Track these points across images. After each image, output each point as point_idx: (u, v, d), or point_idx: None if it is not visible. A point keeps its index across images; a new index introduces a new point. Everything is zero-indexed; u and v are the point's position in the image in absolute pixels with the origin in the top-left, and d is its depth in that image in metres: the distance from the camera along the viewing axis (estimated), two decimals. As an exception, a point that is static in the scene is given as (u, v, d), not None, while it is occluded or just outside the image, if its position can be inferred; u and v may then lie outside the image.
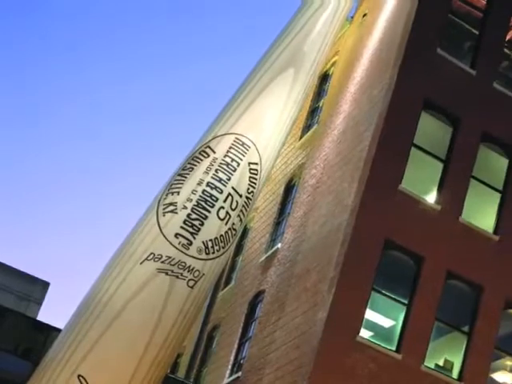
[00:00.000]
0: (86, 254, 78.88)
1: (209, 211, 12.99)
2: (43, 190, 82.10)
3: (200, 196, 12.64)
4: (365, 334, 22.33)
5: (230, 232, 13.06)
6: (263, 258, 28.68)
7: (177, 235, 11.99)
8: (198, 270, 12.40)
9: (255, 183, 13.84)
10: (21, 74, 79.90)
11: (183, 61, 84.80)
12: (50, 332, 22.94)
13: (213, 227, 12.55)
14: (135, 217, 10.24)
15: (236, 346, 28.19)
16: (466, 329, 23.48)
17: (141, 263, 12.06)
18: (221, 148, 13.47)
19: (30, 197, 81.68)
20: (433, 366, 23.00)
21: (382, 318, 23.58)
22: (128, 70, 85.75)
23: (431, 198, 23.85)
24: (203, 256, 12.79)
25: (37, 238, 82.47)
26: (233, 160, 13.49)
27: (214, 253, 13.07)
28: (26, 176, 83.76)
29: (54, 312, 74.75)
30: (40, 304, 34.53)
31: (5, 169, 78.98)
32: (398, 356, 22.08)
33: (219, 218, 12.91)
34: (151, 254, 12.27)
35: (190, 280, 12.32)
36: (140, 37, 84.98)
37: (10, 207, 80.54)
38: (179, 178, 12.62)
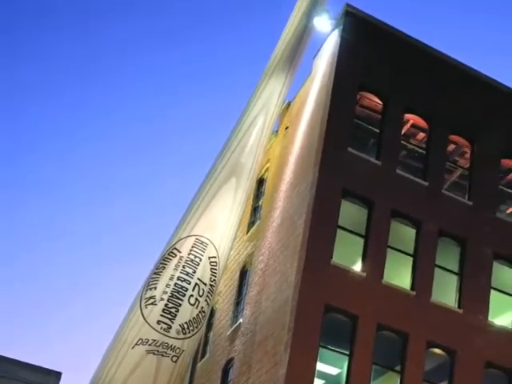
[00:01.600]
0: (93, 346, 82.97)
1: (181, 300, 16.66)
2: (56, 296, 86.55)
3: (173, 288, 16.25)
4: (318, 382, 25.43)
5: (200, 314, 16.83)
6: (229, 331, 31.44)
7: (158, 322, 15.51)
8: (178, 348, 16.05)
9: (216, 273, 17.58)
10: None
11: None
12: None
13: (186, 312, 16.31)
14: (124, 312, 14.29)
15: None
16: (398, 368, 26.36)
17: (132, 347, 15.61)
18: (185, 248, 17.21)
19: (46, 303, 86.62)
20: None
21: (330, 368, 26.52)
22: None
23: (358, 266, 26.89)
24: (181, 336, 16.40)
25: (51, 335, 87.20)
26: (196, 256, 17.27)
27: (189, 332, 16.74)
28: (42, 286, 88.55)
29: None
30: (56, 392, 36.94)
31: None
32: None
33: (190, 304, 16.66)
34: (140, 339, 15.81)
35: (173, 356, 15.86)
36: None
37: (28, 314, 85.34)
38: (154, 275, 16.24)
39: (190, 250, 18.47)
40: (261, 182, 33.57)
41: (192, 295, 16.96)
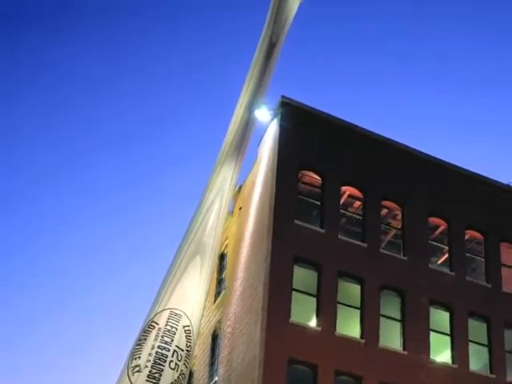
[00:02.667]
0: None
1: (163, 365, 19.65)
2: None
3: (155, 356, 19.27)
4: None
5: (180, 376, 19.88)
6: None
7: None
8: None
9: (191, 339, 20.82)
10: None
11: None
12: None
13: (168, 375, 19.31)
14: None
15: None
16: None
17: None
18: (162, 320, 20.28)
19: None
20: None
21: None
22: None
23: (313, 322, 28.44)
24: None
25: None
26: (172, 327, 20.44)
27: None
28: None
29: None
30: None
31: None
32: None
33: (171, 368, 19.75)
34: None
35: None
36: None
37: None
38: (138, 346, 19.28)
39: (167, 322, 21.51)
40: (222, 257, 34.90)
41: (172, 360, 20.02)
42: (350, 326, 29.46)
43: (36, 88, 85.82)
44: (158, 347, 19.45)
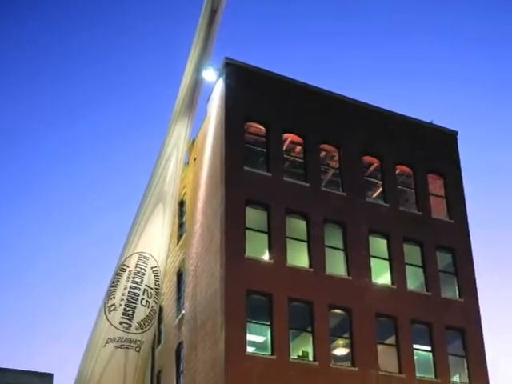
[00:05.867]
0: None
1: (135, 303, 22.66)
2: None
3: (128, 295, 22.26)
4: (250, 349, 28.24)
5: (152, 312, 22.94)
6: (176, 321, 34.33)
7: (121, 323, 20.82)
8: (139, 340, 21.92)
9: (159, 278, 23.87)
10: None
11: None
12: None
13: (140, 312, 22.31)
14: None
15: (175, 378, 33.49)
16: (309, 329, 29.51)
17: (104, 346, 21.38)
18: (132, 263, 23.27)
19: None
20: (296, 357, 28.94)
21: (257, 337, 29.24)
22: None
23: (266, 256, 29.95)
24: (140, 331, 22.35)
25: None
26: (141, 269, 23.45)
27: (146, 327, 22.69)
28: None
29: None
30: (49, 390, 38.76)
31: None
32: (273, 357, 27.99)
33: (143, 305, 22.79)
34: (108, 338, 21.28)
35: (136, 347, 21.71)
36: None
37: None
38: (112, 288, 22.23)
39: (136, 264, 24.48)
40: (182, 204, 36.26)
41: (143, 298, 23.14)
42: (299, 257, 30.91)
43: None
44: (130, 287, 21.48)
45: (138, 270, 23.07)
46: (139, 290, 21.92)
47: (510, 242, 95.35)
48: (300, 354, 29.75)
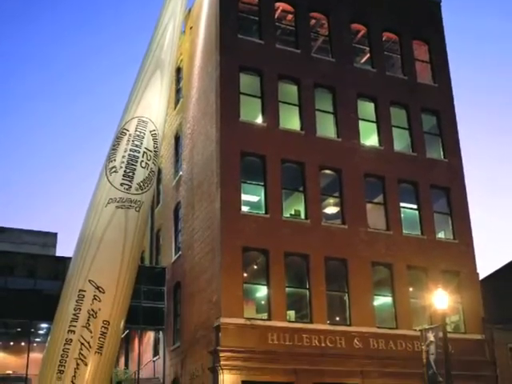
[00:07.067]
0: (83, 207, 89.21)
1: (135, 165, 24.64)
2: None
3: (128, 158, 24.29)
4: (244, 208, 29.06)
5: (151, 173, 24.88)
6: (174, 182, 35.51)
7: (121, 184, 23.08)
8: (139, 201, 24.06)
9: (157, 141, 25.74)
10: None
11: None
12: (65, 261, 27.56)
13: (140, 174, 24.35)
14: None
15: (173, 237, 34.51)
16: (301, 189, 30.34)
17: (105, 206, 23.38)
18: (131, 127, 25.24)
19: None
20: (289, 216, 29.89)
21: (252, 197, 29.98)
22: None
23: (259, 120, 30.70)
24: (140, 191, 24.29)
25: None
26: (140, 132, 25.38)
27: (145, 188, 24.54)
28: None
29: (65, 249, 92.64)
30: (55, 247, 40.22)
31: None
32: (267, 215, 28.91)
33: (142, 167, 24.74)
34: (110, 199, 23.53)
35: (136, 207, 23.73)
36: None
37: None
38: (113, 151, 24.23)
39: (136, 129, 26.37)
40: (178, 70, 36.78)
41: (143, 161, 25.03)
42: (290, 120, 31.64)
43: None
44: (130, 150, 22.95)
45: (138, 133, 24.70)
46: (139, 152, 23.69)
47: (496, 105, 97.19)
48: (292, 212, 30.47)
